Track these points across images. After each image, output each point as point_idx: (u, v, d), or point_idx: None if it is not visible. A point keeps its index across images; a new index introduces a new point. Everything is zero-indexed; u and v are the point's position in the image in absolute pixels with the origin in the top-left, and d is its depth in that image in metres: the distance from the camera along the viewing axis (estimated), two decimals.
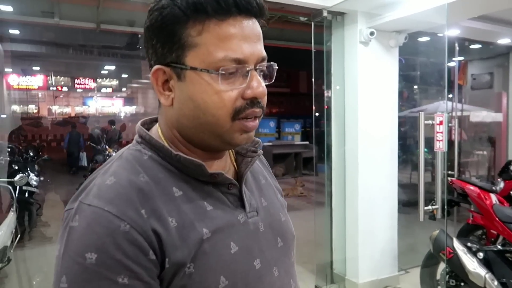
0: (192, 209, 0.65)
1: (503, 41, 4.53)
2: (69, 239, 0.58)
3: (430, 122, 2.49)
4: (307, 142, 10.63)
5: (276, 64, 0.71)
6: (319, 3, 3.08)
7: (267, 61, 0.68)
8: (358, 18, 3.18)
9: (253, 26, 0.65)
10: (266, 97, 0.68)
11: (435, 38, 3.88)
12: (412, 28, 3.32)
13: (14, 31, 8.45)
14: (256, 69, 0.65)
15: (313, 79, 3.49)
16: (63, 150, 10.11)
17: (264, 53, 0.66)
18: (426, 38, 4.14)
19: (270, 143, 10.36)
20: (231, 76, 0.63)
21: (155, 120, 0.76)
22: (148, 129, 0.74)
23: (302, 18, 3.39)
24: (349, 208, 3.42)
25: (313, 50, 3.36)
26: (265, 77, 0.69)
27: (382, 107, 3.36)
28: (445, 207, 2.61)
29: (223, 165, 0.75)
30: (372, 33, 3.13)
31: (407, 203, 4.32)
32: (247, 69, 0.64)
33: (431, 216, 2.83)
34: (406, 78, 5.21)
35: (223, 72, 0.62)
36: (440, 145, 2.44)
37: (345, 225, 3.46)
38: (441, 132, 2.42)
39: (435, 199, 2.65)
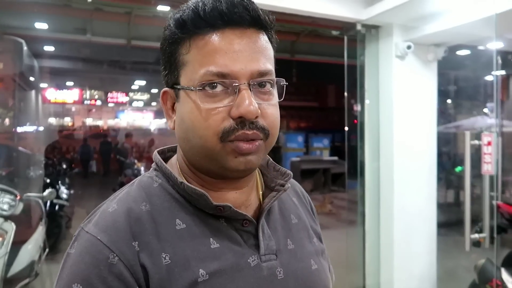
0: (192, 245, 0.57)
1: None
2: (64, 266, 0.58)
3: (476, 142, 2.28)
4: (336, 158, 10.37)
5: (283, 80, 0.61)
6: (352, 16, 2.97)
7: (278, 76, 0.59)
8: (394, 31, 3.04)
9: (246, 38, 0.56)
10: (271, 117, 0.58)
11: (476, 51, 3.67)
12: (453, 41, 3.14)
13: (49, 48, 8.78)
14: (249, 85, 0.56)
15: (345, 94, 3.37)
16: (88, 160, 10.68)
17: (263, 67, 0.57)
18: (466, 51, 3.93)
19: (298, 158, 10.20)
20: (217, 93, 0.56)
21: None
22: (171, 157, 0.69)
23: (334, 32, 3.29)
24: (383, 229, 3.23)
25: (345, 64, 3.25)
26: (263, 93, 0.59)
27: (419, 123, 3.18)
28: (494, 235, 2.37)
29: (245, 198, 0.65)
30: (409, 47, 2.98)
31: (444, 224, 4.07)
32: (235, 84, 0.55)
33: (475, 242, 2.62)
34: (443, 92, 4.98)
35: (200, 88, 0.55)
36: (488, 168, 2.20)
37: (380, 247, 3.27)
38: (490, 154, 2.19)
39: (479, 225, 2.43)
